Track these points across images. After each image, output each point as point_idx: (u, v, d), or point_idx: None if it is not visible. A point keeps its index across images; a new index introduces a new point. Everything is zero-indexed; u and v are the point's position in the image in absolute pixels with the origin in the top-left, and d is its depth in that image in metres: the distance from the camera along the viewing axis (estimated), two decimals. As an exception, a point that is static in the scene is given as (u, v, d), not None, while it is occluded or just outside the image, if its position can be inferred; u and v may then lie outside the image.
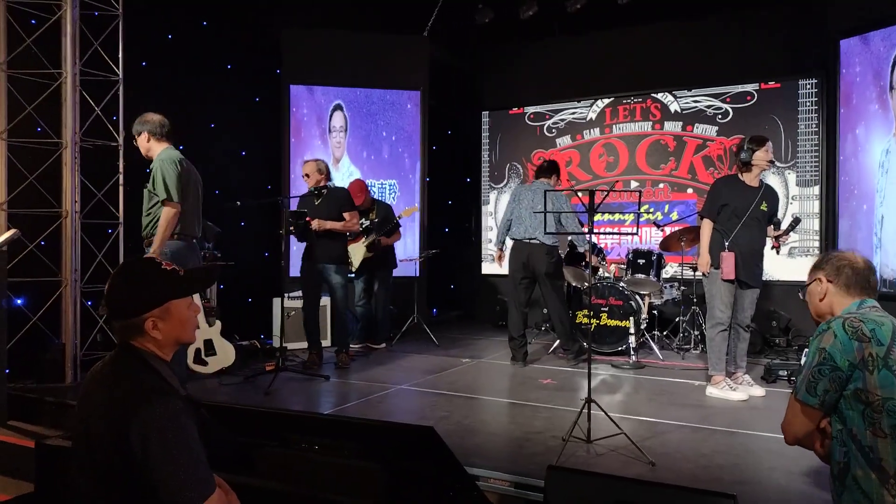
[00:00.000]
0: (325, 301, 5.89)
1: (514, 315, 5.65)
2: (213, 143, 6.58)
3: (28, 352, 4.81)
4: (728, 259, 4.33)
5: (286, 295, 5.94)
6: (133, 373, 1.70)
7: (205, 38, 6.49)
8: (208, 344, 5.13)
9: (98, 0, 5.08)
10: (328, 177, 5.58)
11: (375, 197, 6.71)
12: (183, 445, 1.59)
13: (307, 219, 5.24)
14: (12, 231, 4.54)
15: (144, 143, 4.27)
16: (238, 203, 4.96)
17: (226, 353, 5.22)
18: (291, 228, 5.18)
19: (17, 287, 4.80)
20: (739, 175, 4.50)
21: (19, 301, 4.90)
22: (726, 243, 4.38)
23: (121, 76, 5.19)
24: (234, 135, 6.87)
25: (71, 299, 4.87)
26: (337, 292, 5.52)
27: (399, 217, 6.47)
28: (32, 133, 4.90)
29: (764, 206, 4.45)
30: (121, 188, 5.23)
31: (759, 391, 4.52)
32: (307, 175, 5.47)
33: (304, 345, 5.76)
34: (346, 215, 5.51)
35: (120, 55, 5.18)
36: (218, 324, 5.25)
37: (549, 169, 5.73)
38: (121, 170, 5.22)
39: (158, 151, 4.22)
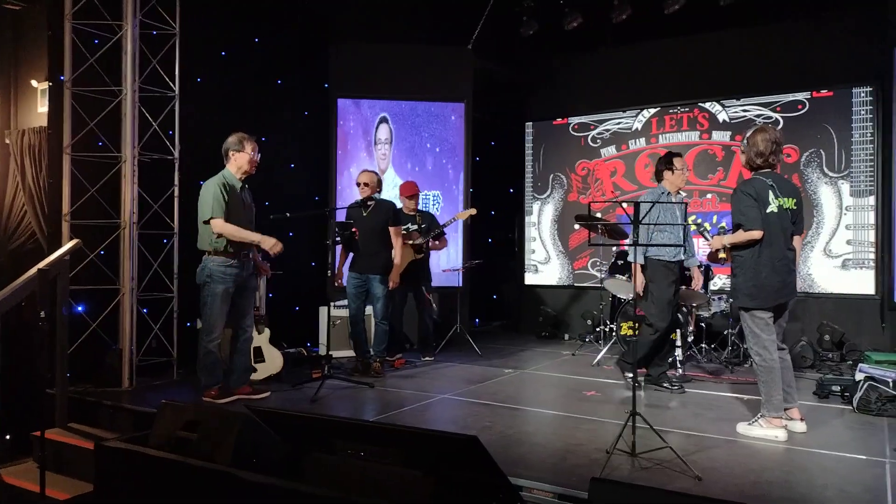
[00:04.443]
0: (369, 310, 5.97)
1: None
2: (264, 156, 6.71)
3: (88, 357, 5.02)
4: None
5: (332, 304, 6.04)
6: None
7: (256, 55, 6.69)
8: (257, 351, 5.26)
9: (156, 19, 5.31)
10: (378, 189, 5.70)
11: (419, 207, 6.78)
12: None
13: (353, 229, 5.35)
14: (74, 241, 4.77)
15: None
16: (287, 214, 5.09)
17: (274, 361, 5.35)
18: (338, 238, 5.28)
19: (79, 294, 5.01)
20: None
21: (80, 308, 5.11)
22: None
23: (177, 92, 5.40)
24: (284, 148, 7.05)
25: (128, 307, 5.07)
26: (378, 302, 5.60)
27: (454, 220, 6.53)
28: (94, 147, 5.14)
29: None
30: (176, 200, 5.43)
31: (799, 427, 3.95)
32: (367, 184, 5.58)
33: (350, 353, 5.85)
34: (391, 229, 5.64)
35: (176, 72, 5.39)
36: (267, 331, 5.38)
37: (659, 165, 5.09)
38: (176, 182, 5.42)
39: None
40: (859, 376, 4.60)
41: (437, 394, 4.93)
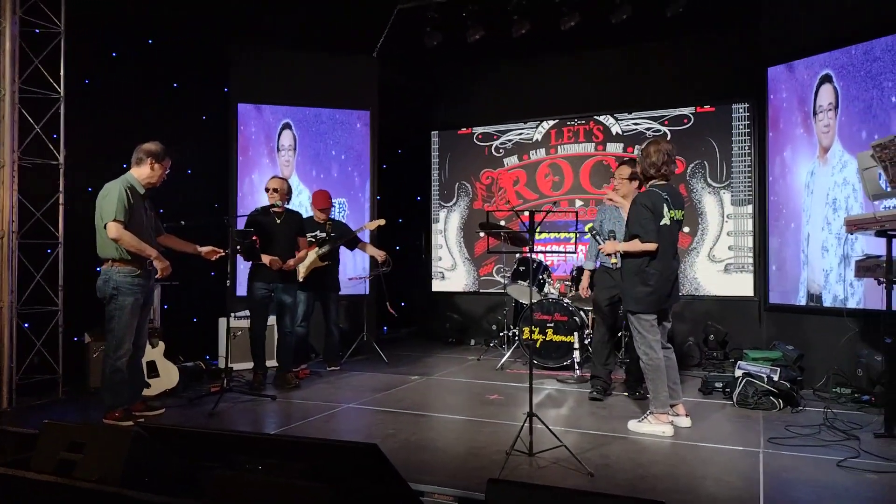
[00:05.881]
0: (271, 321, 5.85)
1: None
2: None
3: (-40, 376, 4.65)
4: None
5: (232, 315, 5.88)
6: None
7: (151, 56, 6.42)
8: (151, 365, 5.05)
9: (39, 17, 5.01)
10: (288, 197, 5.64)
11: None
12: None
13: (253, 237, 5.24)
14: (-55, 252, 4.41)
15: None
16: (182, 223, 4.92)
17: (169, 375, 5.15)
18: (238, 248, 5.15)
19: (-50, 309, 4.64)
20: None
21: (-49, 324, 4.73)
22: None
23: (62, 94, 5.11)
24: (180, 153, 6.77)
25: (7, 322, 4.74)
26: (288, 312, 5.51)
27: (362, 229, 6.49)
28: (-33, 151, 4.78)
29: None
30: (61, 207, 5.13)
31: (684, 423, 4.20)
32: (276, 190, 5.49)
33: (250, 365, 5.71)
34: (300, 240, 5.63)
35: (62, 72, 5.11)
36: (161, 345, 5.18)
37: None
38: (61, 189, 5.13)
39: None
40: (738, 373, 4.96)
41: (341, 403, 4.90)
